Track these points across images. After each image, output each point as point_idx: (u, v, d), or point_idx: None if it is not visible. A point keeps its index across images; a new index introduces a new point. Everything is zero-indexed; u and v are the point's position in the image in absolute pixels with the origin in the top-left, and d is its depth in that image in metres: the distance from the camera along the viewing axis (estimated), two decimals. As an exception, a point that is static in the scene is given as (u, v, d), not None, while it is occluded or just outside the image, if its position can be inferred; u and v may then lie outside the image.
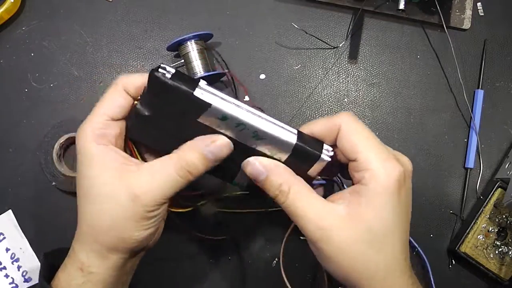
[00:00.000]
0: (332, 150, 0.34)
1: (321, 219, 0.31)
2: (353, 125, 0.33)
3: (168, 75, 0.30)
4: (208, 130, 0.32)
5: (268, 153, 0.33)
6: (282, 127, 0.32)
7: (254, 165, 0.33)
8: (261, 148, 0.33)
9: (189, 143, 0.33)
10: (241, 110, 0.31)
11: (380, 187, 0.31)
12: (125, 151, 0.35)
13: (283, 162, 0.33)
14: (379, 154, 0.32)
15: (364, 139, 0.32)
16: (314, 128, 0.34)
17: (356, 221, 0.31)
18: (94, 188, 0.32)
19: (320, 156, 0.33)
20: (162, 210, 0.33)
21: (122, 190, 0.32)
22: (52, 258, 0.35)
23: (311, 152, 0.33)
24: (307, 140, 0.33)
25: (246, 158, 0.34)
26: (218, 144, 0.32)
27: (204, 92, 0.31)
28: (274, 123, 0.32)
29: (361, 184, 0.31)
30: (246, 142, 0.33)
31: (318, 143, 0.33)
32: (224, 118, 0.31)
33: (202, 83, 0.31)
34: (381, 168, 0.31)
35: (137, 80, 0.34)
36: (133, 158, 0.34)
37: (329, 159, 0.33)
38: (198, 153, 0.32)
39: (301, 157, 0.33)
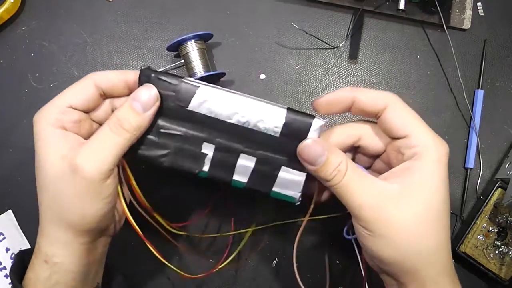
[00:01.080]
0: (326, 123, 0.34)
1: (377, 197, 0.30)
2: (402, 103, 0.33)
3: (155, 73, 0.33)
4: (203, 122, 0.33)
5: (263, 129, 0.33)
6: (271, 103, 0.33)
7: (312, 146, 0.32)
8: (255, 123, 0.33)
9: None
10: (224, 89, 0.33)
11: (434, 161, 0.31)
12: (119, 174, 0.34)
13: (278, 136, 0.33)
14: (429, 132, 0.32)
15: (414, 117, 0.33)
16: (363, 96, 0.34)
17: (413, 198, 0.30)
18: (43, 174, 0.32)
19: (314, 117, 0.33)
20: (112, 182, 0.32)
21: (66, 166, 0.31)
22: (24, 258, 0.36)
23: (303, 116, 0.33)
24: (298, 112, 0.33)
25: (241, 143, 0.33)
26: (140, 92, 0.32)
27: (190, 79, 0.33)
28: (261, 100, 0.33)
29: (414, 159, 0.31)
30: (238, 119, 0.33)
31: (309, 115, 0.33)
32: (212, 98, 0.33)
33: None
34: (433, 144, 0.32)
35: (111, 75, 0.34)
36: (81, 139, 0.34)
37: (324, 122, 0.33)
38: (126, 105, 0.32)
39: (295, 124, 0.33)
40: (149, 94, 0.32)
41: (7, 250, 0.47)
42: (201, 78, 0.46)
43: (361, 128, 0.36)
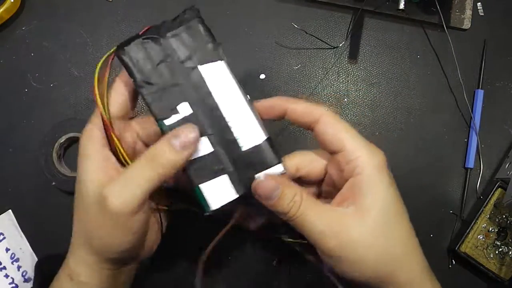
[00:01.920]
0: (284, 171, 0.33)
1: (336, 224, 0.30)
2: (334, 117, 0.33)
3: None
4: (200, 86, 0.32)
5: (236, 136, 0.33)
6: (259, 122, 0.33)
7: (266, 181, 0.32)
8: (234, 126, 0.32)
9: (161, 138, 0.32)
10: (235, 80, 0.34)
11: (375, 170, 0.31)
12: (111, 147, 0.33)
13: (242, 152, 0.32)
14: (362, 142, 0.32)
15: (347, 130, 0.33)
16: (297, 107, 0.34)
17: (367, 213, 0.31)
18: (80, 196, 0.32)
19: (280, 162, 0.33)
20: (141, 217, 0.31)
21: (98, 195, 0.31)
22: (46, 267, 0.35)
23: (273, 154, 0.33)
24: (274, 147, 0.33)
25: (212, 130, 0.32)
26: (182, 131, 0.31)
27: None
28: (253, 113, 0.33)
29: (356, 174, 0.31)
30: (227, 113, 0.33)
31: (278, 156, 0.33)
32: (224, 77, 0.33)
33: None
34: (368, 155, 0.32)
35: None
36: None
37: (283, 170, 0.33)
38: (165, 141, 0.31)
39: (264, 154, 0.33)
40: (190, 135, 0.31)
41: (7, 250, 0.47)
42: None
43: (295, 159, 0.35)
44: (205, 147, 0.32)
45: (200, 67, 0.33)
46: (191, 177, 0.32)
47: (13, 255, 0.47)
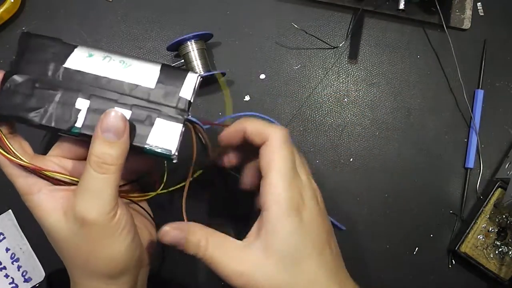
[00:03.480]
0: (201, 77, 0.34)
1: (242, 263, 0.32)
2: (279, 141, 0.33)
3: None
4: (79, 78, 0.33)
5: (138, 81, 0.33)
6: (147, 60, 0.34)
7: (171, 232, 0.33)
8: (131, 77, 0.33)
9: (93, 136, 0.31)
10: (103, 50, 0.34)
11: (279, 212, 0.31)
12: None
13: (154, 87, 0.33)
14: (287, 175, 0.32)
15: (280, 158, 0.32)
16: (249, 127, 0.35)
17: (270, 254, 0.31)
18: (55, 237, 0.32)
19: (188, 72, 0.34)
20: (121, 214, 0.31)
21: (71, 223, 0.31)
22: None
23: (178, 70, 0.34)
24: (171, 66, 0.34)
25: (115, 97, 0.33)
26: (107, 121, 0.30)
27: (71, 42, 0.35)
28: (137, 58, 0.34)
29: (264, 209, 0.32)
30: (116, 75, 0.33)
31: (184, 70, 0.34)
32: (91, 55, 0.34)
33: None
34: (284, 190, 0.32)
35: None
36: (63, 186, 0.33)
37: (197, 75, 0.34)
38: (99, 140, 0.30)
39: (169, 77, 0.34)
40: (117, 118, 0.31)
41: (7, 250, 0.47)
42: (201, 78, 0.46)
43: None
44: (125, 114, 0.33)
45: (65, 65, 0.34)
46: (135, 145, 0.33)
47: (13, 255, 0.47)
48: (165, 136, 0.33)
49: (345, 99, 0.51)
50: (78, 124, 0.32)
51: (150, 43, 0.50)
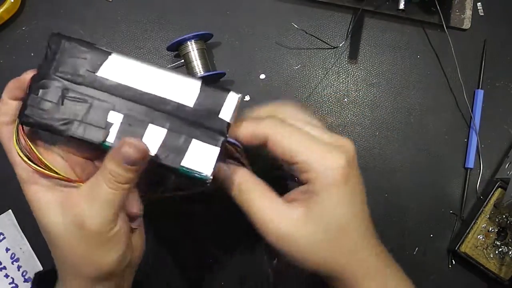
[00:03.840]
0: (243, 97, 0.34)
1: (280, 222, 0.31)
2: (280, 129, 0.32)
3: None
4: (113, 89, 0.31)
5: (176, 99, 0.32)
6: (186, 75, 0.33)
7: (222, 168, 0.33)
8: (168, 94, 0.32)
9: (109, 153, 0.30)
10: (136, 59, 0.32)
11: (327, 184, 0.31)
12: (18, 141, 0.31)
13: (192, 106, 0.31)
14: (317, 152, 0.31)
15: (296, 142, 0.31)
16: (240, 133, 0.33)
17: (313, 220, 0.31)
18: (50, 234, 0.32)
19: (229, 91, 0.32)
20: (120, 226, 0.31)
21: (69, 223, 0.31)
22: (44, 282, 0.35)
23: (219, 89, 0.32)
24: (213, 85, 0.33)
25: (151, 113, 0.31)
26: (127, 148, 0.29)
27: (103, 47, 0.32)
28: (176, 72, 0.32)
29: (310, 183, 0.31)
30: (152, 89, 0.32)
31: (224, 88, 0.32)
32: (125, 65, 0.32)
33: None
34: (323, 166, 0.31)
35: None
36: (66, 182, 0.32)
37: (239, 95, 0.32)
38: (116, 162, 0.30)
39: (209, 97, 0.32)
40: (135, 150, 0.30)
41: (7, 250, 0.47)
42: (201, 78, 0.46)
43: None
44: (158, 133, 0.31)
45: (97, 74, 0.31)
46: (168, 165, 0.31)
47: (13, 255, 0.47)
48: (201, 159, 0.31)
49: (345, 99, 0.51)
50: (110, 139, 0.31)
51: (150, 43, 0.50)
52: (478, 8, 0.52)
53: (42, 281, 0.36)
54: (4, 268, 0.46)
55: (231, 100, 0.32)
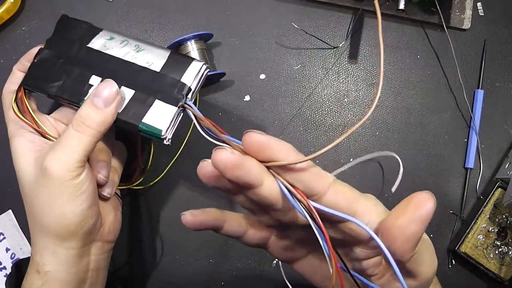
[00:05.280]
0: (207, 68, 0.36)
1: None
2: (337, 189, 0.25)
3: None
4: (97, 57, 0.36)
5: (146, 64, 0.36)
6: (158, 46, 0.38)
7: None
8: (141, 60, 0.36)
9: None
10: (124, 35, 0.38)
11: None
12: (17, 103, 0.36)
13: (159, 71, 0.36)
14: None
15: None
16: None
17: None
18: (21, 183, 0.34)
19: (193, 59, 0.36)
20: (85, 178, 0.32)
21: (38, 170, 0.32)
22: (21, 267, 0.36)
23: (186, 58, 0.36)
24: (181, 55, 0.37)
25: (124, 77, 0.35)
26: (101, 88, 0.33)
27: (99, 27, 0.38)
28: (150, 44, 0.38)
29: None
30: (129, 58, 0.36)
31: (190, 58, 0.37)
32: (112, 38, 0.37)
33: None
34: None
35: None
36: (48, 140, 0.35)
37: (202, 64, 0.36)
38: (87, 102, 0.33)
39: (175, 63, 0.36)
40: (110, 89, 0.33)
41: (7, 250, 0.47)
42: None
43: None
44: (127, 93, 0.35)
45: (88, 45, 0.37)
46: (130, 122, 0.34)
47: (13, 255, 0.47)
48: (159, 117, 0.34)
49: (345, 99, 0.51)
50: (87, 97, 0.35)
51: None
52: (478, 8, 0.52)
53: (20, 267, 0.37)
54: (4, 268, 0.46)
55: (194, 67, 0.36)
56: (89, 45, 0.37)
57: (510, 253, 0.47)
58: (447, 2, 0.51)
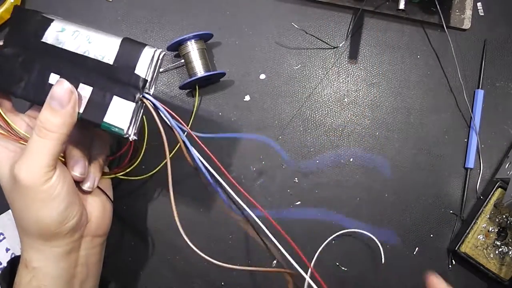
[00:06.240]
0: (162, 52, 0.34)
1: None
2: None
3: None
4: (52, 53, 0.34)
5: (100, 57, 0.34)
6: (110, 34, 0.35)
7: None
8: (95, 53, 0.34)
9: None
10: (75, 24, 0.35)
11: None
12: None
13: (112, 64, 0.33)
14: None
15: None
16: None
17: None
18: (3, 189, 0.34)
19: (145, 45, 0.34)
20: (56, 181, 0.32)
21: (11, 178, 0.32)
22: (15, 264, 0.36)
23: (137, 45, 0.34)
24: (134, 41, 0.34)
25: (81, 73, 0.34)
26: (54, 89, 0.32)
27: (49, 14, 0.35)
28: (102, 32, 0.35)
29: None
30: (82, 50, 0.34)
31: (142, 44, 0.34)
32: (63, 29, 0.34)
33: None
34: None
35: None
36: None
37: (155, 50, 0.34)
38: (45, 107, 0.32)
39: (127, 54, 0.33)
40: (62, 88, 0.32)
41: (7, 250, 0.47)
42: (201, 78, 0.46)
43: None
44: (87, 90, 0.33)
45: (42, 40, 0.34)
46: (92, 121, 0.33)
47: (13, 255, 0.47)
48: (119, 115, 0.33)
49: (345, 99, 0.51)
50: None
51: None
52: (478, 8, 0.52)
53: (14, 263, 0.37)
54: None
55: (146, 55, 0.33)
56: (43, 39, 0.34)
57: (510, 253, 0.47)
58: (447, 2, 0.51)
